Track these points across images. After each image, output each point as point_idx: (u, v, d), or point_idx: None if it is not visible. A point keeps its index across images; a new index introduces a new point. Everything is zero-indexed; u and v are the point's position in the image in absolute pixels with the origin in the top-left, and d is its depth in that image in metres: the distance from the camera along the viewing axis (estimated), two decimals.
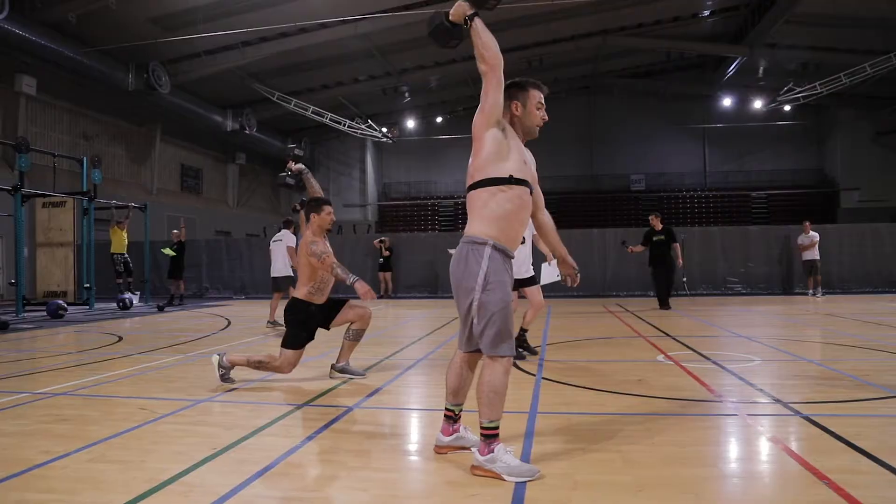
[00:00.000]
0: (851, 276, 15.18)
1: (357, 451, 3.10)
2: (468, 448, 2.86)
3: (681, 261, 11.22)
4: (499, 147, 2.73)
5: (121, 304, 12.43)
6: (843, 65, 22.88)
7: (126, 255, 14.05)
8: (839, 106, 27.88)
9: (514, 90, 2.88)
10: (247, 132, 24.75)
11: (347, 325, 5.04)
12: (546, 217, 3.15)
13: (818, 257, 14.29)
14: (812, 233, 14.44)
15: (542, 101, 2.93)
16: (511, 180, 2.71)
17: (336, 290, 5.29)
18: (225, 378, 4.80)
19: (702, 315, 10.27)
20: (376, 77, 26.47)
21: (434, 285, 16.52)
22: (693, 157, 31.85)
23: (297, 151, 5.45)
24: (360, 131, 27.53)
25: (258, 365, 4.78)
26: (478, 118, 2.74)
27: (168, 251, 13.71)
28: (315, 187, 5.24)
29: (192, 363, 6.05)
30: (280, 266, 9.17)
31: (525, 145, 2.96)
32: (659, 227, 11.28)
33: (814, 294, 14.12)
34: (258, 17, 18.51)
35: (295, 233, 9.28)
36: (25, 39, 15.53)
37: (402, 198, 34.27)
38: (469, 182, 2.78)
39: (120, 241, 13.95)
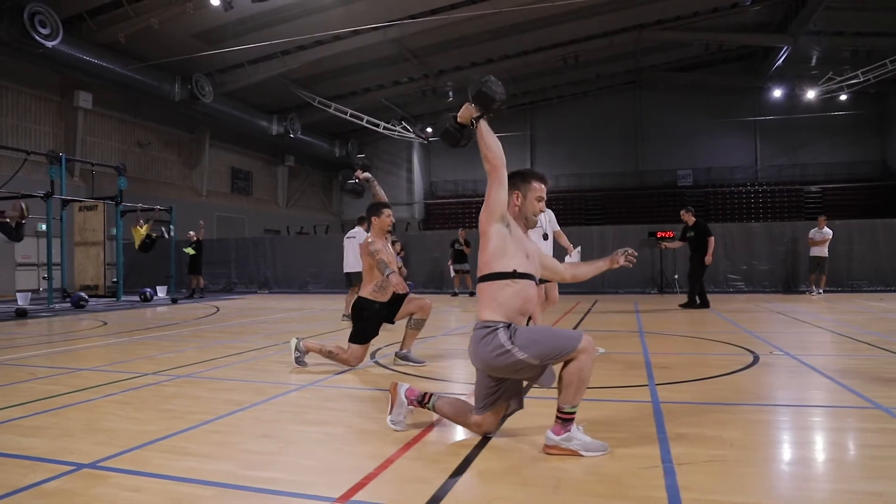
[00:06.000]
0: (862, 274, 14.59)
1: (120, 402, 3.97)
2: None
3: (709, 257, 10.66)
4: (503, 243, 2.97)
5: (142, 296, 13.98)
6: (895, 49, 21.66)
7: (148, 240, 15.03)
8: None
9: (517, 181, 3.13)
10: (291, 136, 26.33)
11: (409, 315, 5.40)
12: (579, 269, 3.60)
13: (827, 255, 13.85)
14: (826, 229, 14.01)
15: (543, 195, 3.18)
16: (515, 275, 2.96)
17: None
18: (300, 361, 5.22)
19: (661, 312, 10.48)
20: (416, 79, 27.30)
21: (439, 281, 17.23)
22: (743, 152, 30.80)
23: (364, 161, 6.06)
24: (396, 132, 28.57)
25: (329, 354, 5.12)
26: (483, 215, 2.99)
27: (188, 250, 15.17)
28: (380, 194, 5.63)
29: (130, 343, 7.14)
30: (352, 261, 9.37)
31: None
32: (691, 221, 10.97)
33: (811, 292, 13.76)
34: (292, 28, 19.74)
35: (368, 230, 9.77)
36: (80, 59, 17.54)
37: (448, 196, 35.09)
38: (479, 274, 3.05)
39: (140, 238, 15.13)
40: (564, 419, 2.86)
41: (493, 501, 2.33)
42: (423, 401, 3.24)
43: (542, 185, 3.17)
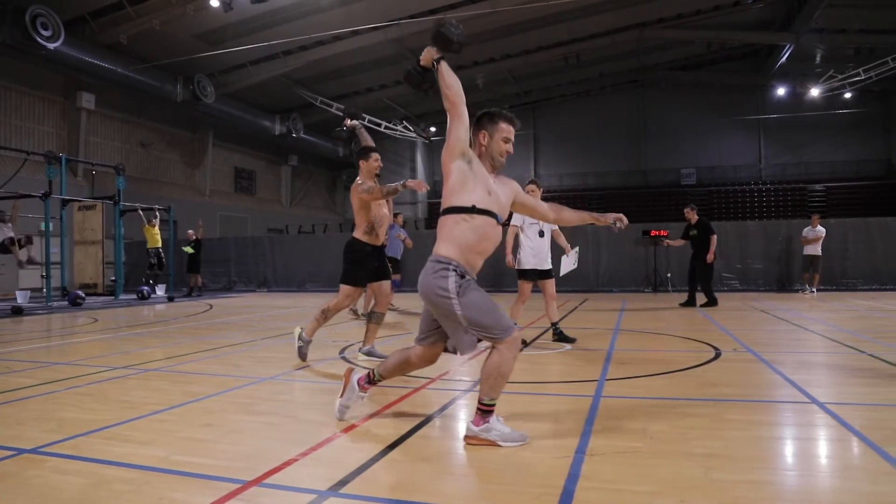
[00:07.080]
0: (857, 273, 14.53)
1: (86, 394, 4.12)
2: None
3: (711, 256, 10.62)
4: (463, 178, 2.97)
5: (140, 294, 14.21)
6: None
7: (160, 250, 15.81)
8: None
9: (484, 121, 3.11)
10: (294, 136, 26.54)
11: (370, 310, 5.61)
12: (563, 212, 3.51)
13: (819, 253, 13.83)
14: (819, 227, 13.99)
15: (511, 136, 3.13)
16: (474, 210, 2.97)
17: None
18: (302, 352, 5.30)
19: (648, 311, 10.53)
20: None
21: None
22: (747, 150, 30.68)
23: (352, 110, 6.08)
24: (398, 132, 28.70)
25: (324, 315, 5.28)
26: (444, 153, 3.01)
27: (188, 248, 15.39)
28: (367, 140, 5.70)
29: (114, 339, 7.31)
30: None
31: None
32: (694, 219, 10.97)
33: (804, 291, 13.75)
34: (293, 28, 19.93)
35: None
36: (83, 61, 17.81)
37: None
38: (441, 209, 3.07)
39: (153, 237, 15.71)
40: (484, 410, 2.96)
41: (396, 487, 2.44)
42: (371, 379, 3.38)
43: (510, 127, 3.14)
